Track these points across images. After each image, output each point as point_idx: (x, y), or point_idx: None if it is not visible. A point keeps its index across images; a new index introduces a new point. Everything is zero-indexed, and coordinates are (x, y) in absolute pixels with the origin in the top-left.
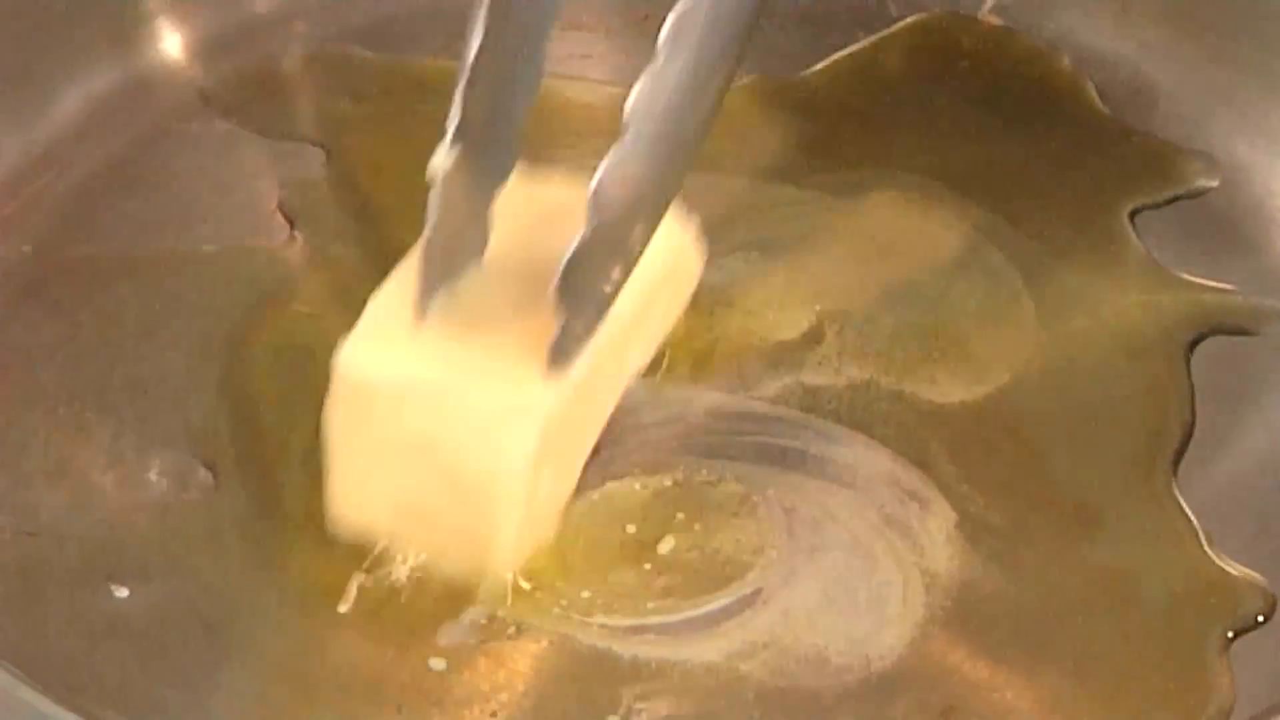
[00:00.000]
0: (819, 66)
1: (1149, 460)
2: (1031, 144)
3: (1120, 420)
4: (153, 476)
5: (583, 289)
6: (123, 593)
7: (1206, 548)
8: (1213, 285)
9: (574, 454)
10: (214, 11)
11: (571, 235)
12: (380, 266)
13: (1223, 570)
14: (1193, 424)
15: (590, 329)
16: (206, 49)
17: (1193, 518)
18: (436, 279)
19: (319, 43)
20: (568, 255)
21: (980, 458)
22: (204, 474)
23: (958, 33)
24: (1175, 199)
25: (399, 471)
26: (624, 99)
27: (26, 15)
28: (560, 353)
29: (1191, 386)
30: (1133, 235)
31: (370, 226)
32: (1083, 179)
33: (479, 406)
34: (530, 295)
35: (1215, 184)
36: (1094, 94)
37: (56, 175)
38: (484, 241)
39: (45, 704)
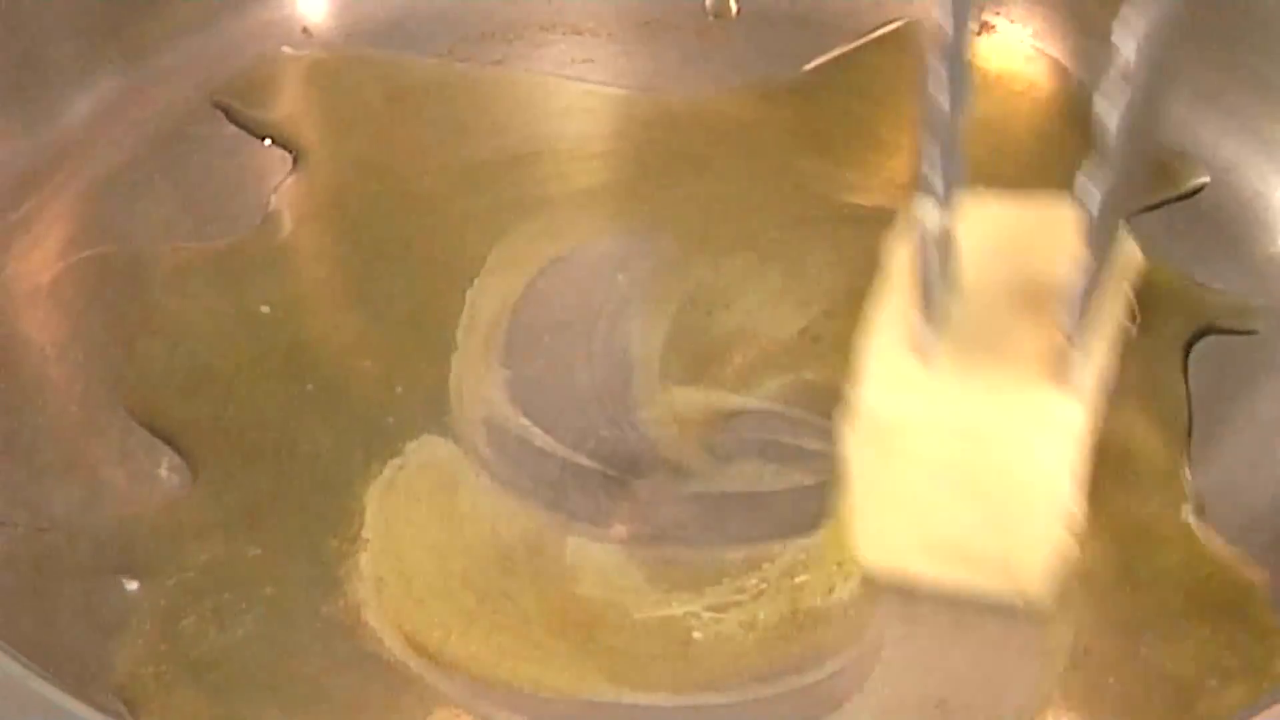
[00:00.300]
0: (813, 66)
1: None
2: (1022, 145)
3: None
4: (162, 472)
5: (1088, 311)
6: (133, 586)
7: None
8: (1205, 285)
9: (1085, 470)
10: (222, 16)
11: (1032, 254)
12: (384, 265)
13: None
14: (1190, 424)
15: (1091, 344)
16: (215, 53)
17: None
18: (930, 314)
19: (326, 46)
20: (1080, 284)
21: None
22: (212, 469)
23: None
24: (1166, 201)
25: (933, 505)
26: (629, 101)
27: (38, 21)
28: (1075, 370)
29: (1188, 387)
30: (1127, 235)
31: (372, 225)
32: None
33: (1014, 430)
34: (1016, 317)
35: (1205, 184)
36: (1084, 94)
37: (68, 176)
38: (958, 272)
39: (57, 695)
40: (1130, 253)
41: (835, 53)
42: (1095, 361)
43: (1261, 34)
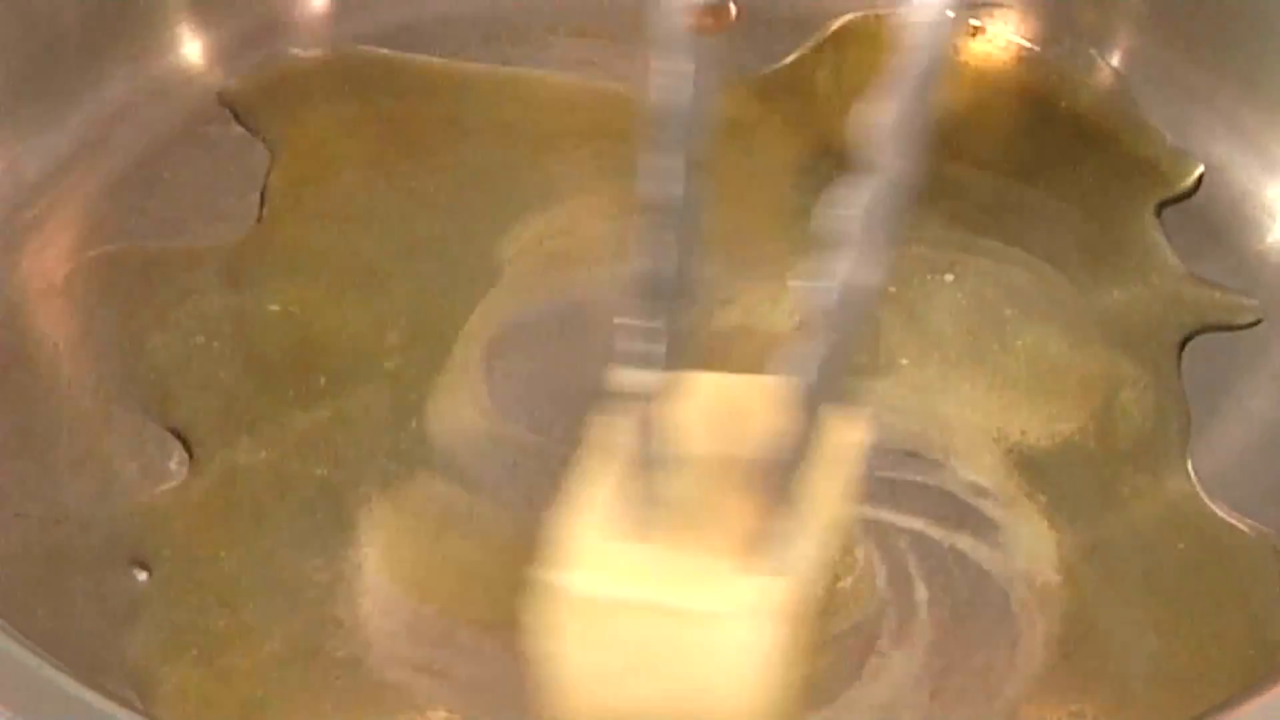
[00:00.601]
0: (795, 58)
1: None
2: (1017, 148)
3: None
4: (172, 465)
5: (788, 485)
6: (143, 576)
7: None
8: (1200, 281)
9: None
10: (231, 18)
11: (737, 430)
12: (391, 261)
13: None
14: (1189, 417)
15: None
16: (223, 54)
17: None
18: (639, 493)
19: (334, 47)
20: (779, 455)
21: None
22: (220, 462)
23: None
24: (1166, 203)
25: (639, 678)
26: (629, 98)
27: (53, 24)
28: (781, 547)
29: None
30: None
31: (380, 222)
32: (1070, 181)
33: (711, 609)
34: (725, 493)
35: (1196, 184)
36: (1076, 98)
37: (81, 176)
38: (668, 450)
39: (69, 683)
40: (855, 432)
41: (811, 44)
42: (808, 535)
43: (1251, 38)
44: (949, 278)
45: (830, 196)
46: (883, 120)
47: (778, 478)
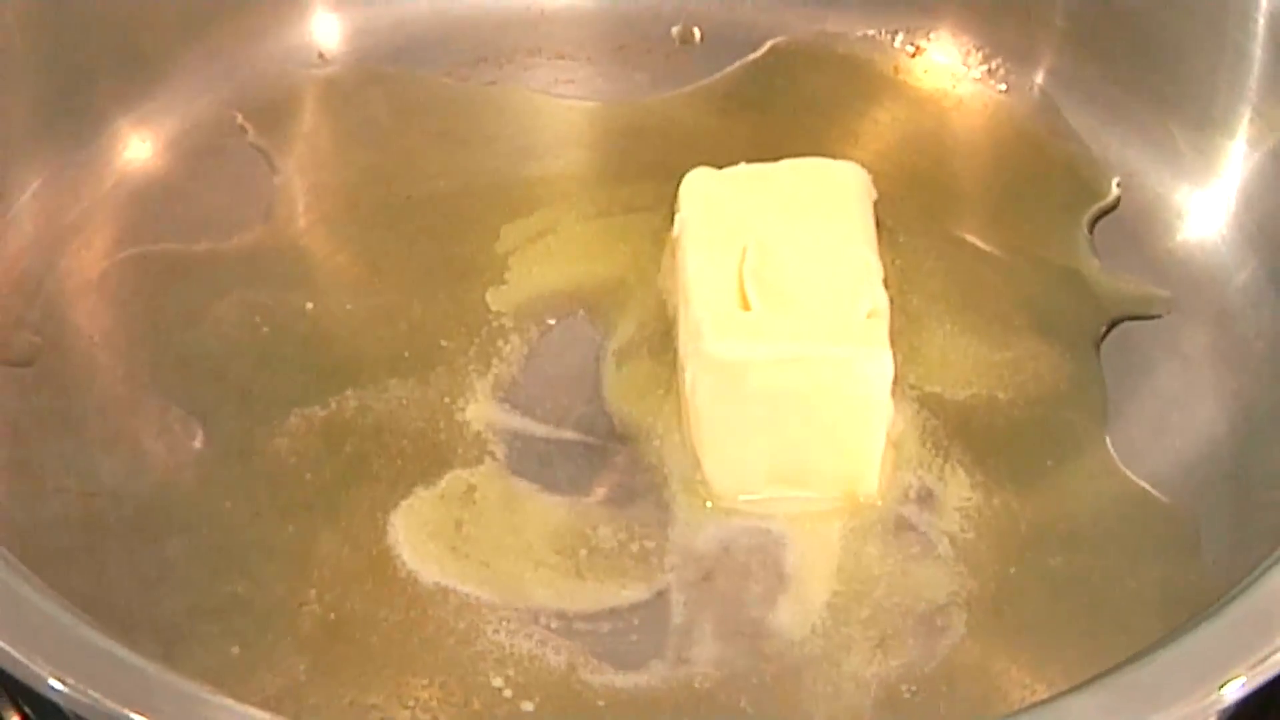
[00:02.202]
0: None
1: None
2: (952, 156)
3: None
4: (196, 445)
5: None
6: (171, 544)
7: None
8: (1117, 276)
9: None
10: (247, 43)
11: (826, 205)
12: (391, 260)
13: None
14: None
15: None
16: (240, 78)
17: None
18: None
19: (338, 68)
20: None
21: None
22: (240, 442)
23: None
24: (1084, 205)
25: (773, 432)
26: (605, 113)
27: (87, 52)
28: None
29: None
30: (1051, 235)
31: (380, 225)
32: (1000, 186)
33: (835, 356)
34: (817, 264)
35: (1115, 189)
36: (1006, 112)
37: (115, 185)
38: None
39: (103, 640)
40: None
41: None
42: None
43: (1162, 58)
44: (896, 262)
45: None
46: None
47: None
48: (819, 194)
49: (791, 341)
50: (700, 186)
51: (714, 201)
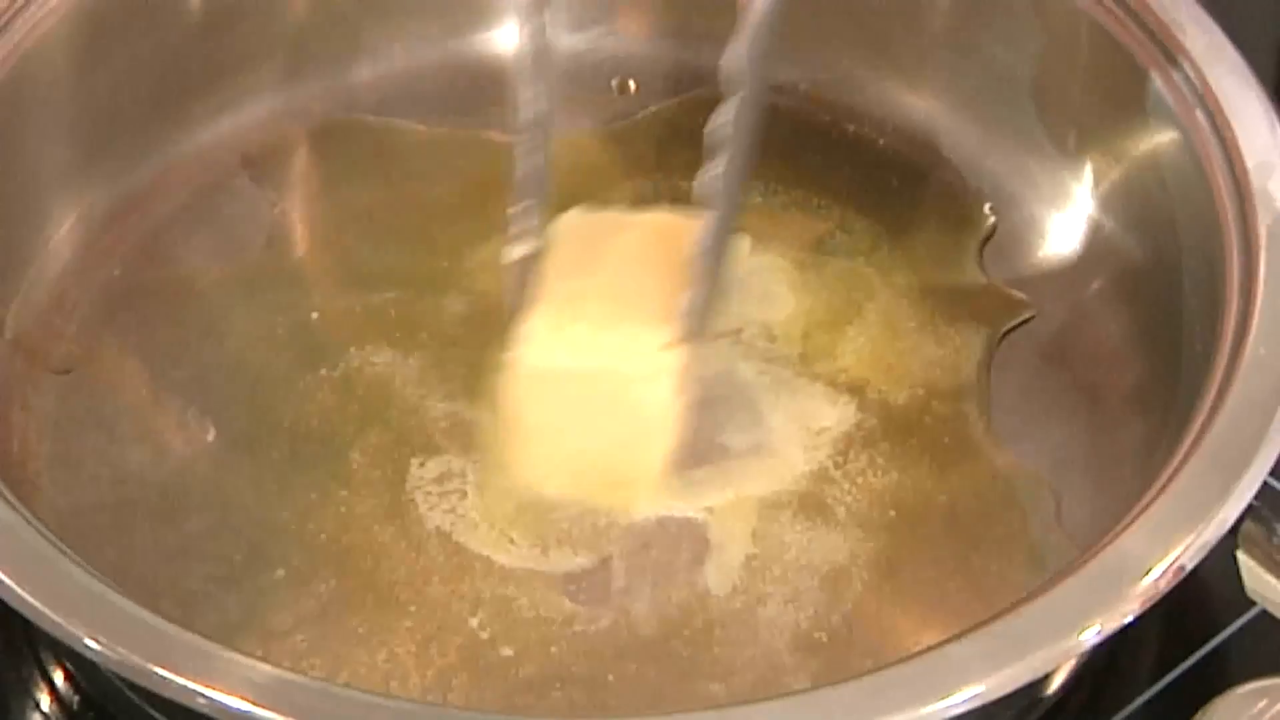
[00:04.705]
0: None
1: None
2: (851, 183)
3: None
4: (209, 437)
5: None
6: (189, 524)
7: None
8: (1000, 286)
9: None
10: (251, 99)
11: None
12: (377, 279)
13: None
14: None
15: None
16: (244, 127)
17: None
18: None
19: (329, 118)
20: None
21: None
22: (248, 435)
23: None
24: (971, 231)
25: (574, 435)
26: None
27: (116, 101)
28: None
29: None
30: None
31: (369, 252)
32: (894, 210)
33: (628, 372)
34: (641, 293)
35: (992, 218)
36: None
37: (139, 217)
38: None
39: (131, 606)
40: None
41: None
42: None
43: (1023, 103)
44: (798, 275)
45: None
46: (739, 50)
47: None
48: (669, 245)
49: (587, 358)
50: (569, 223)
51: (574, 239)
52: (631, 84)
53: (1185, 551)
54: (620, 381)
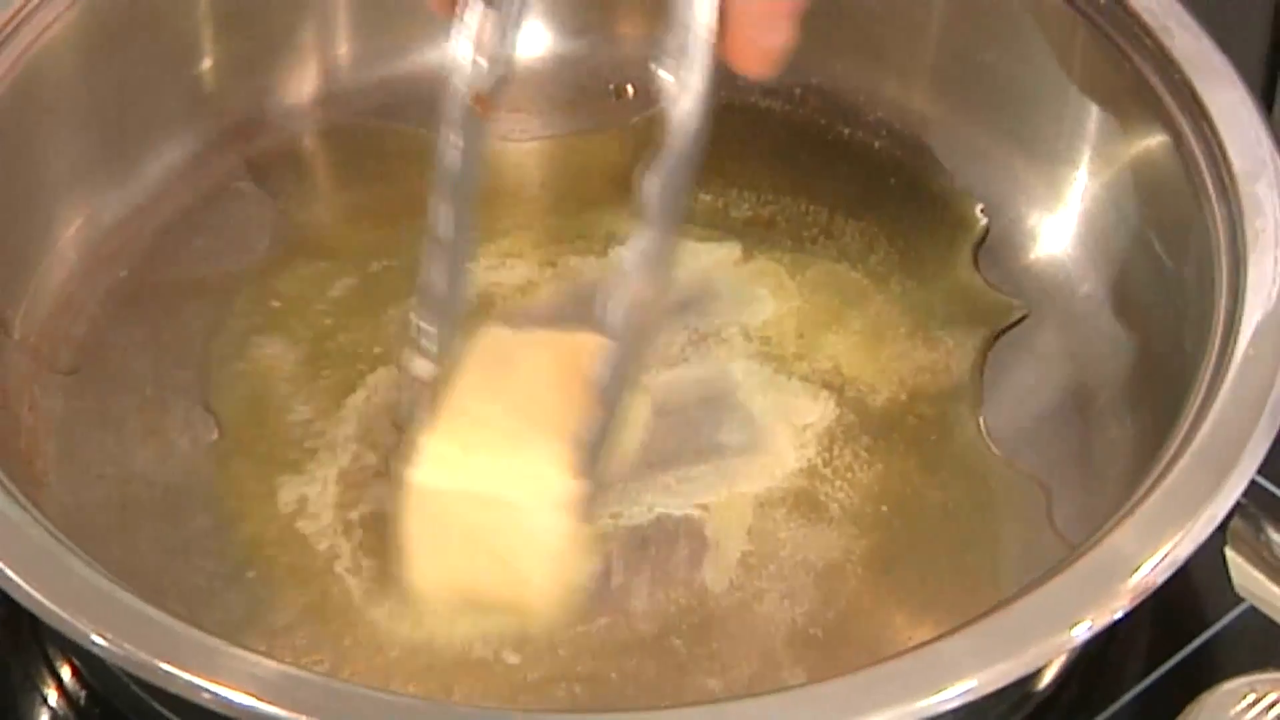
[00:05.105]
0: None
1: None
2: (847, 188)
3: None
4: (213, 437)
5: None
6: (193, 522)
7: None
8: (992, 288)
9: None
10: (255, 104)
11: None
12: (374, 278)
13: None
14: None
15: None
16: (249, 131)
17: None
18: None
19: (330, 123)
20: (601, 366)
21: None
22: (252, 434)
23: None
24: (964, 233)
25: (469, 552)
26: (552, 153)
27: (123, 108)
28: (578, 453)
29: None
30: (932, 252)
31: (366, 250)
32: (887, 212)
33: (519, 497)
34: (543, 415)
35: (984, 220)
36: (889, 151)
37: (146, 219)
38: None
39: (138, 604)
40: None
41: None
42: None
43: (1015, 106)
44: (792, 278)
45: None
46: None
47: (592, 400)
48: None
49: (484, 482)
50: (483, 341)
51: (487, 357)
52: (630, 89)
53: (1174, 548)
54: (515, 509)
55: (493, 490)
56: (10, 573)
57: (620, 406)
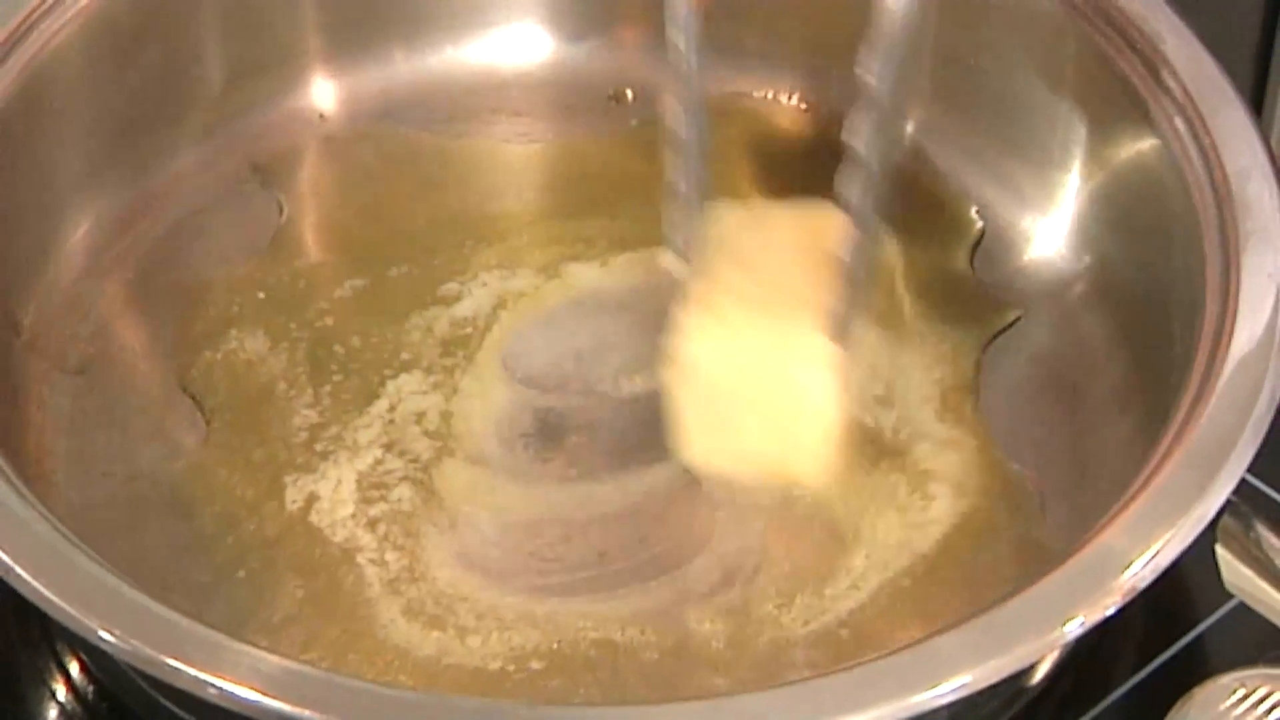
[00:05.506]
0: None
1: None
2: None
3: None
4: (219, 437)
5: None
6: (199, 518)
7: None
8: (987, 286)
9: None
10: (261, 108)
11: (808, 239)
12: (381, 282)
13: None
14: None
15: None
16: (254, 135)
17: None
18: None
19: (335, 126)
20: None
21: None
22: (257, 434)
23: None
24: (960, 235)
25: (738, 418)
26: (554, 157)
27: (130, 111)
28: (839, 322)
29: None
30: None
31: (372, 254)
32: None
33: (790, 363)
34: (795, 288)
35: (980, 223)
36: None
37: (152, 222)
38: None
39: (145, 600)
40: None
41: None
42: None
43: (1009, 111)
44: None
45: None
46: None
47: (845, 273)
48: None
49: (748, 349)
50: (725, 221)
51: (731, 236)
52: (629, 93)
53: (1166, 546)
54: (782, 371)
55: (758, 356)
56: (19, 569)
57: (866, 279)
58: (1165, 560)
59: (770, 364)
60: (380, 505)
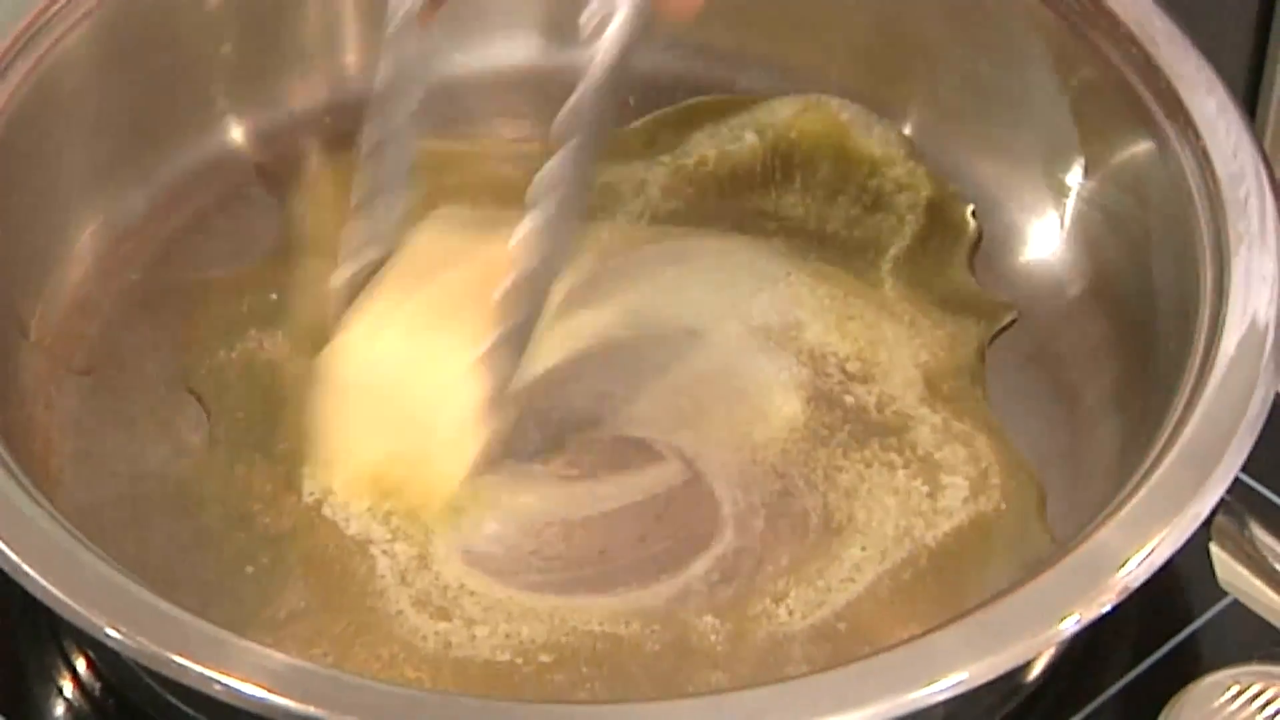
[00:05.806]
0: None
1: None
2: (846, 193)
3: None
4: (223, 435)
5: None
6: (203, 518)
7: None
8: (984, 289)
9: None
10: (265, 110)
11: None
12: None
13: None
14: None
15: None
16: (260, 140)
17: None
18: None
19: (338, 132)
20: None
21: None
22: (262, 433)
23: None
24: (956, 238)
25: (380, 423)
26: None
27: (136, 114)
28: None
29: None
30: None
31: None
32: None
33: (434, 373)
34: (461, 302)
35: (972, 221)
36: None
37: (158, 224)
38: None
39: (151, 598)
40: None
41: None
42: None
43: (1006, 115)
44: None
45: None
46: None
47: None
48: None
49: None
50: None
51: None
52: (629, 98)
53: (1161, 544)
54: (422, 375)
55: (400, 364)
56: (27, 568)
57: (528, 324)
58: (1160, 558)
59: (410, 367)
60: (393, 499)
